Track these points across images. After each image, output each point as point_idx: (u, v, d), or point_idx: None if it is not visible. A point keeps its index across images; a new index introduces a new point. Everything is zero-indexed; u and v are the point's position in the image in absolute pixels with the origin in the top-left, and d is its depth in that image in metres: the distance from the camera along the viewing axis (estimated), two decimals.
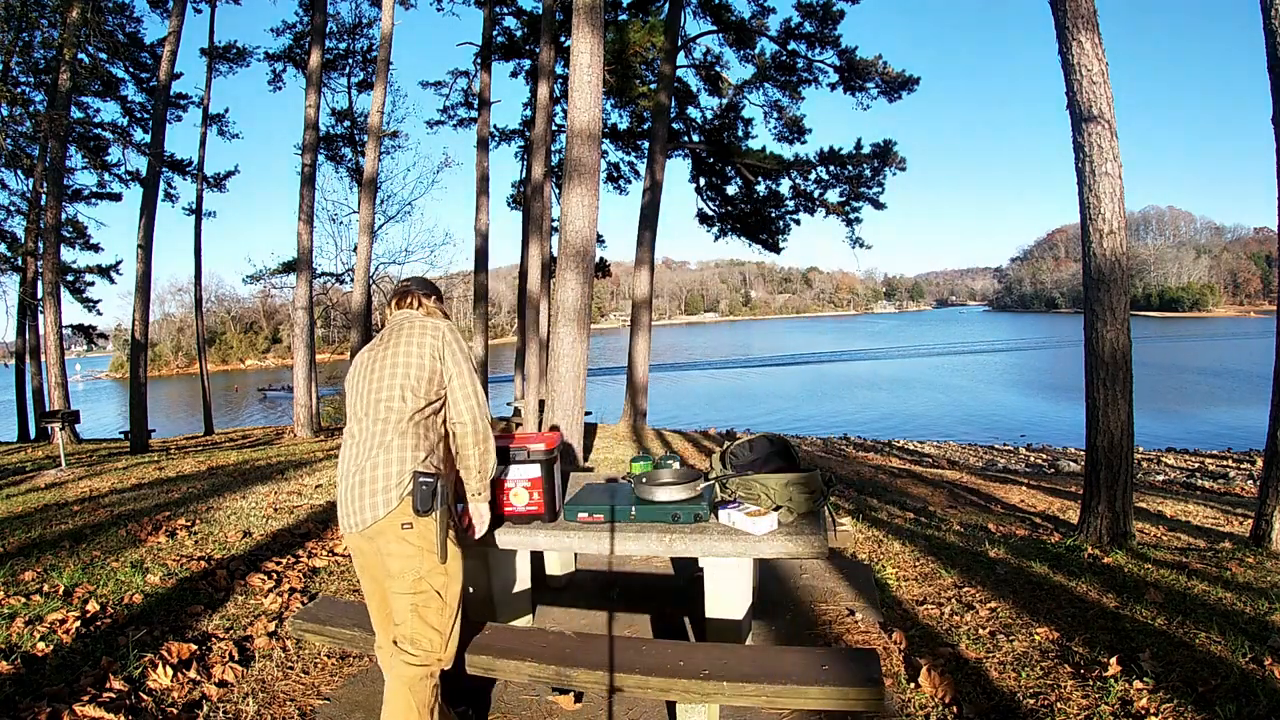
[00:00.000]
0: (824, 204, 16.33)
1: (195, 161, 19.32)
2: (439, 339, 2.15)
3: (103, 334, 21.08)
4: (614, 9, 15.86)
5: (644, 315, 14.53)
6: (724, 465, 2.85)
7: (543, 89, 12.39)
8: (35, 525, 5.14)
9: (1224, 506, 7.45)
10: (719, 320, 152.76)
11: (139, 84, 18.27)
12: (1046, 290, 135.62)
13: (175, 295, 70.45)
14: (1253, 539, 4.88)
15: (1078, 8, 5.07)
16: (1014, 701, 2.49)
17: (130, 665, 2.73)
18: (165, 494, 6.42)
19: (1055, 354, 48.93)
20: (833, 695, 2.01)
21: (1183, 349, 50.03)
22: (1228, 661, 2.63)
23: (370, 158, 13.46)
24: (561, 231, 7.02)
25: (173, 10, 14.06)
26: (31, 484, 7.76)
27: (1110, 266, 5.11)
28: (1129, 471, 5.21)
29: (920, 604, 3.52)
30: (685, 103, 17.45)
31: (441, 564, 2.06)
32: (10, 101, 13.08)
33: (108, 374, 66.63)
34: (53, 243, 13.51)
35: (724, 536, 2.38)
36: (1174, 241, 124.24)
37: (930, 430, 21.90)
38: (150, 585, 3.68)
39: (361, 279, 13.68)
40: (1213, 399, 26.55)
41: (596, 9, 6.87)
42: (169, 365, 72.36)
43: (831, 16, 15.06)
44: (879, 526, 5.34)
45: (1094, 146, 5.09)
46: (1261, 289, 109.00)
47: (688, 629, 3.16)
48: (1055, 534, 5.63)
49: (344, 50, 20.25)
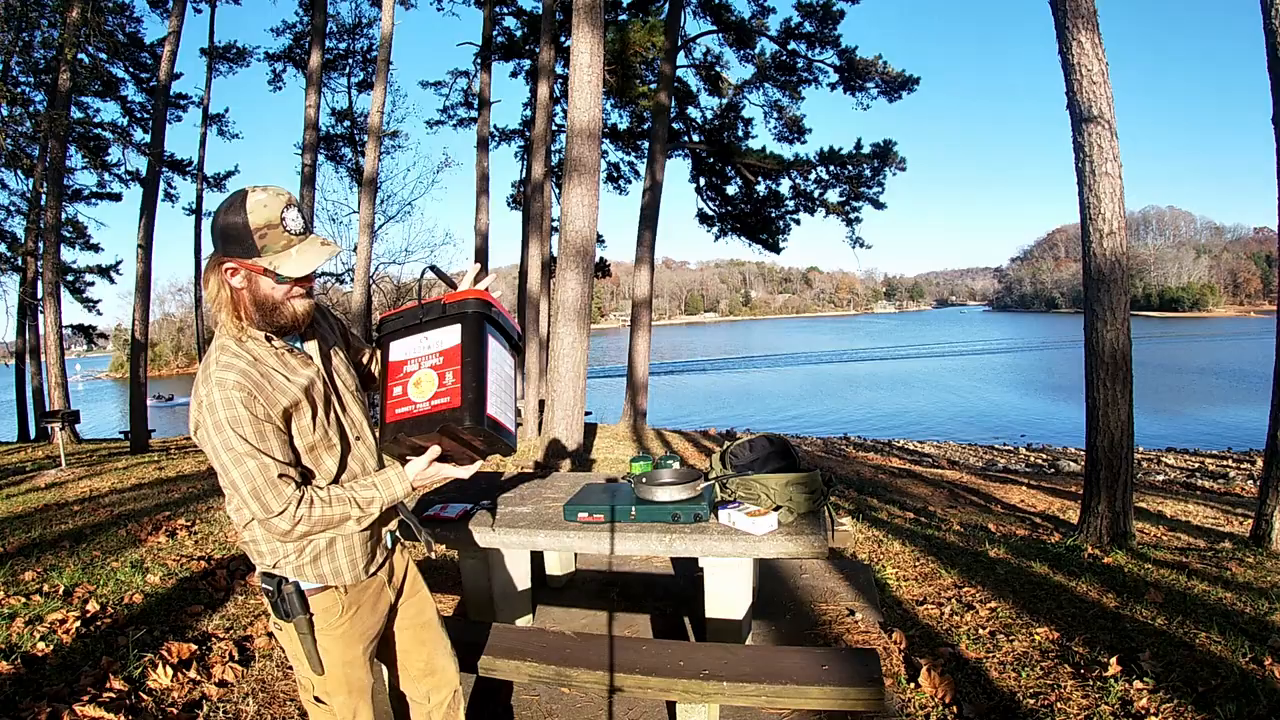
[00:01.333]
0: (824, 204, 16.34)
1: (195, 161, 19.32)
2: (197, 409, 1.45)
3: (103, 334, 21.07)
4: (614, 9, 15.86)
5: (644, 315, 14.53)
6: (724, 465, 2.85)
7: (543, 89, 12.39)
8: (35, 525, 5.15)
9: (1224, 506, 7.45)
10: (719, 320, 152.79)
11: (139, 84, 18.27)
12: (1046, 290, 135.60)
13: (175, 295, 70.44)
14: (1253, 539, 4.88)
15: (1078, 7, 5.07)
16: (1014, 701, 2.49)
17: (130, 665, 2.73)
18: (165, 494, 6.42)
19: (1055, 354, 48.93)
20: (833, 695, 2.01)
21: (1183, 349, 50.03)
22: (1228, 661, 2.63)
23: (370, 158, 13.46)
24: (562, 231, 7.03)
25: (173, 10, 14.05)
26: (31, 484, 7.76)
27: (1110, 266, 5.11)
28: (1129, 471, 5.21)
29: (920, 604, 3.52)
30: (685, 103, 17.45)
31: (318, 674, 1.62)
32: (10, 101, 13.08)
33: (108, 374, 66.63)
34: (53, 243, 13.50)
35: (724, 536, 2.38)
36: (1174, 241, 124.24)
37: (930, 430, 21.91)
38: (150, 585, 3.68)
39: (361, 279, 13.68)
40: (1213, 399, 26.55)
41: (596, 9, 6.87)
42: (169, 365, 72.38)
43: (831, 16, 15.06)
44: (879, 526, 5.34)
45: (1094, 146, 5.09)
46: (1261, 289, 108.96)
47: (688, 629, 3.16)
48: (1055, 534, 5.63)
49: (344, 50, 20.26)
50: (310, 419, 1.54)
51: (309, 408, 1.54)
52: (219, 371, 1.44)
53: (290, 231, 1.45)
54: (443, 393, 1.55)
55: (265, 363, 1.51)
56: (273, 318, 1.51)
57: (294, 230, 1.46)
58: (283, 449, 1.47)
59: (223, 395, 1.41)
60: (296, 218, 1.47)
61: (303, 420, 1.53)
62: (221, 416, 1.41)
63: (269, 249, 1.45)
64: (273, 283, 1.48)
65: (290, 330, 1.55)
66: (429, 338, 1.62)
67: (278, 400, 1.47)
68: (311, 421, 1.54)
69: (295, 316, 1.53)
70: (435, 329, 1.62)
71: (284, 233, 1.45)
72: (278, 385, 1.49)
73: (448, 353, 1.58)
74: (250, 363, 1.48)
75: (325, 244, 1.51)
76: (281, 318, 1.51)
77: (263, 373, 1.48)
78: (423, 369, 1.60)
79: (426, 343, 1.62)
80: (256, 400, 1.44)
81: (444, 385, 1.55)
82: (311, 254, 1.47)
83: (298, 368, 1.56)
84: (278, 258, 1.45)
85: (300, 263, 1.45)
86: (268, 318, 1.50)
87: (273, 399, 1.47)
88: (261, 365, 1.49)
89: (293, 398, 1.50)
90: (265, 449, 1.43)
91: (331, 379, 1.64)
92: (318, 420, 1.56)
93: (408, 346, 1.64)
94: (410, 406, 1.59)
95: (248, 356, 1.48)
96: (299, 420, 1.52)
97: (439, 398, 1.55)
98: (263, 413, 1.44)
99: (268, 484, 1.42)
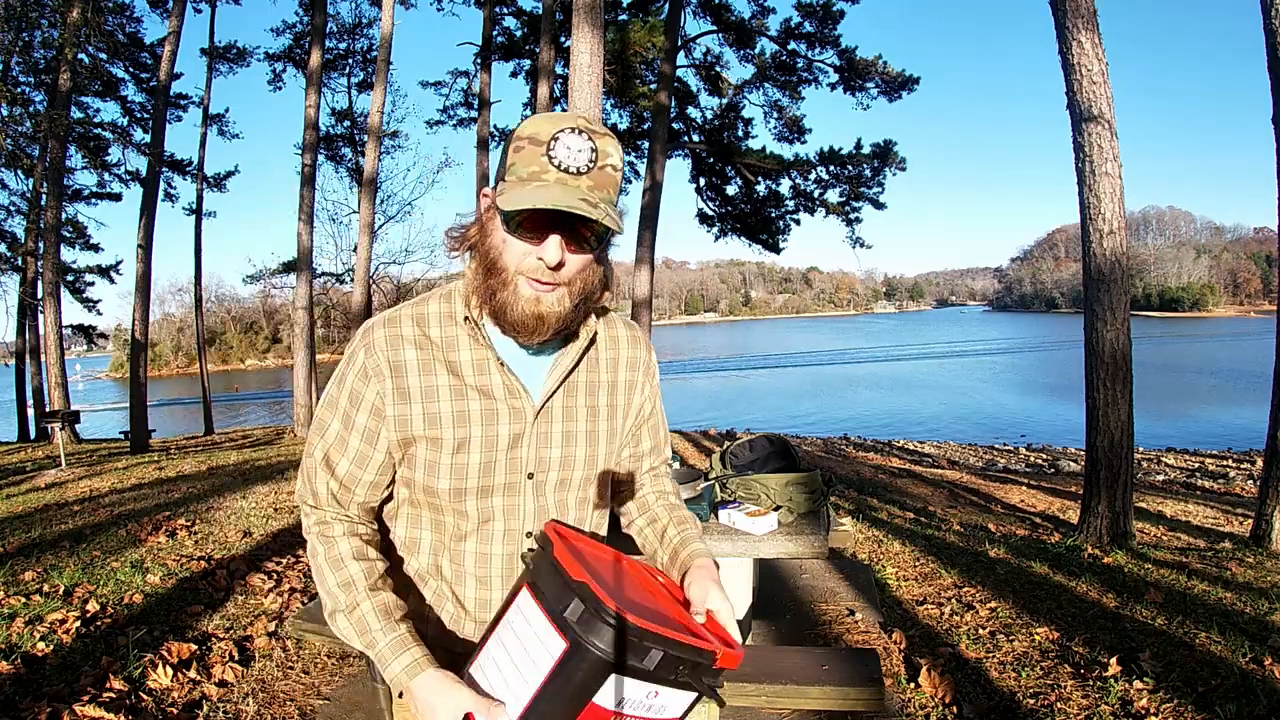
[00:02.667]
0: (824, 204, 16.34)
1: (195, 161, 19.32)
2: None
3: (103, 334, 21.10)
4: (614, 9, 15.86)
5: (644, 315, 14.53)
6: (724, 465, 2.85)
7: (543, 89, 12.39)
8: (35, 525, 5.15)
9: (1224, 506, 7.45)
10: (719, 320, 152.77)
11: (139, 84, 18.27)
12: (1046, 290, 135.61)
13: (175, 295, 70.37)
14: (1253, 539, 4.88)
15: (1078, 7, 5.07)
16: (1014, 701, 2.49)
17: (130, 665, 2.73)
18: (165, 494, 6.42)
19: (1055, 354, 48.93)
20: (833, 695, 2.01)
21: (1183, 349, 50.03)
22: (1228, 661, 2.63)
23: (370, 158, 13.46)
24: None
25: (173, 10, 14.07)
26: (31, 484, 7.76)
27: (1110, 266, 5.11)
28: (1129, 471, 5.21)
29: (920, 604, 3.52)
30: (685, 103, 17.45)
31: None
32: (10, 101, 13.09)
33: (108, 374, 66.60)
34: (53, 243, 13.51)
35: (724, 536, 2.38)
36: (1174, 241, 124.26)
37: (930, 430, 21.90)
38: (150, 585, 3.68)
39: (361, 279, 13.69)
40: (1213, 399, 26.54)
41: (596, 8, 6.87)
42: (169, 365, 72.33)
43: (831, 16, 15.06)
44: (879, 526, 5.34)
45: (1094, 146, 5.09)
46: (1261, 289, 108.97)
47: None
48: (1055, 534, 5.63)
49: (344, 50, 20.25)
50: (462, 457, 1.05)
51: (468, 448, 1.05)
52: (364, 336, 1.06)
53: (554, 159, 0.92)
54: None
55: (449, 363, 1.05)
56: (492, 296, 1.00)
57: (561, 161, 0.92)
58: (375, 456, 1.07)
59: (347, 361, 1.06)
60: (582, 147, 0.93)
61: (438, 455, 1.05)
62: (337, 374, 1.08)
63: (513, 169, 0.95)
64: (502, 230, 0.97)
65: (520, 332, 1.01)
66: (658, 694, 0.91)
67: (414, 419, 1.04)
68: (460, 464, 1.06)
69: (521, 310, 0.99)
70: (667, 686, 0.91)
71: (543, 157, 0.93)
72: (436, 404, 1.04)
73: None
74: (419, 340, 1.05)
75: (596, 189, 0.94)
76: (498, 299, 0.99)
77: (424, 367, 1.04)
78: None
79: (648, 699, 0.91)
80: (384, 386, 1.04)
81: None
82: (553, 192, 0.91)
83: (496, 392, 1.06)
84: (509, 187, 0.94)
85: (525, 195, 0.90)
86: (487, 297, 1.01)
87: (407, 415, 1.04)
88: (435, 359, 1.05)
89: (450, 433, 1.04)
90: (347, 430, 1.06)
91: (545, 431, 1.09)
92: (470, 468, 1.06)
93: (625, 687, 0.88)
94: None
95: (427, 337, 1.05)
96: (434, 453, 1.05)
97: None
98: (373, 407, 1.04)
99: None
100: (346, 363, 1.07)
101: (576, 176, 0.93)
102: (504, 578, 1.11)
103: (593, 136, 0.94)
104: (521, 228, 0.94)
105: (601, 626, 0.82)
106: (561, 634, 0.85)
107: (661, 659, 0.86)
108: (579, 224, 0.94)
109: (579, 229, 0.95)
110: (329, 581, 1.05)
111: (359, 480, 1.07)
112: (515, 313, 0.98)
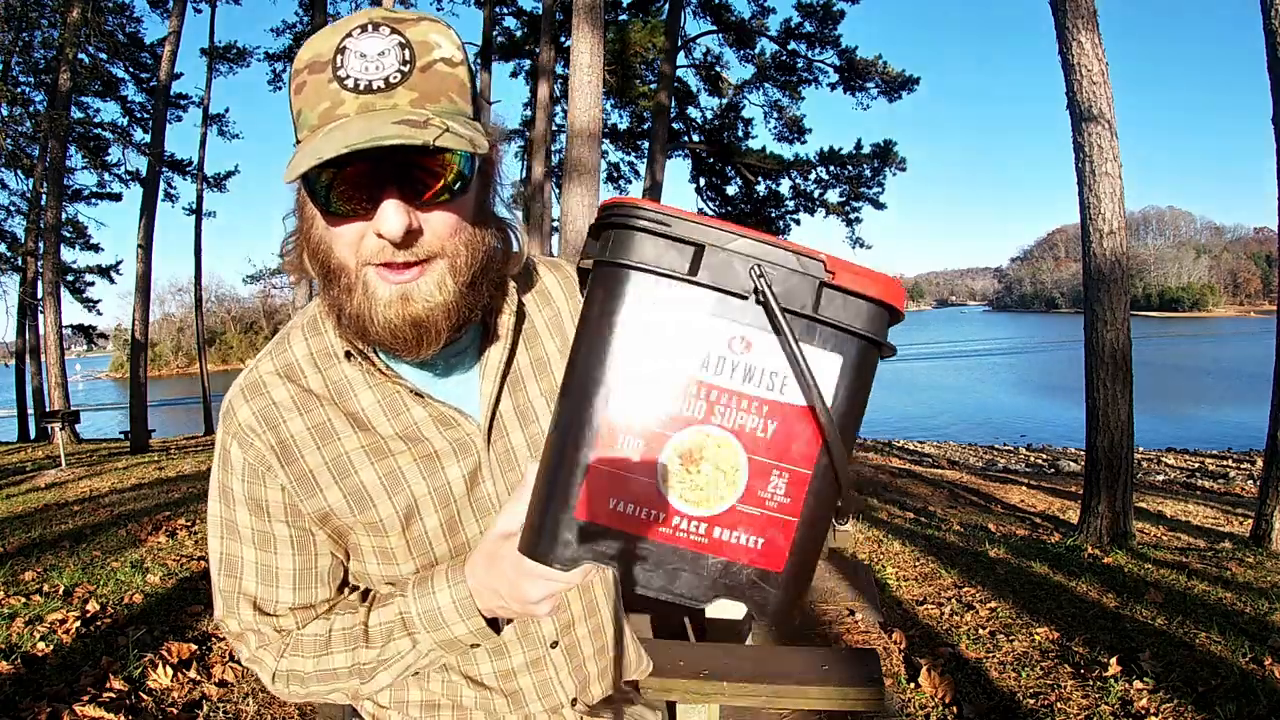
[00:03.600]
0: (824, 204, 16.36)
1: (195, 161, 19.33)
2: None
3: (103, 334, 21.12)
4: (614, 9, 15.86)
5: None
6: None
7: (543, 89, 12.40)
8: (35, 525, 5.15)
9: (1224, 506, 7.45)
10: None
11: (139, 84, 18.28)
12: (1046, 290, 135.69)
13: (175, 295, 70.35)
14: (1253, 539, 4.88)
15: (1078, 7, 5.08)
16: (1014, 701, 2.49)
17: (130, 665, 2.73)
18: (165, 494, 6.43)
19: (1055, 354, 48.95)
20: (833, 695, 2.01)
21: (1183, 349, 50.06)
22: (1228, 661, 2.63)
23: None
24: (562, 231, 7.03)
25: (173, 10, 14.07)
26: (32, 484, 7.77)
27: (1110, 266, 5.12)
28: (1129, 471, 5.21)
29: (920, 604, 3.52)
30: (685, 103, 17.46)
31: None
32: (10, 101, 13.10)
33: (108, 374, 66.65)
34: (53, 243, 13.52)
35: None
36: (1174, 241, 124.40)
37: (930, 430, 21.91)
38: (150, 585, 3.68)
39: None
40: (1212, 399, 26.56)
41: (597, 9, 6.88)
42: (169, 365, 72.35)
43: (831, 16, 15.08)
44: (879, 526, 5.35)
45: (1094, 146, 5.10)
46: (1261, 289, 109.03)
47: (688, 629, 3.16)
48: (1055, 534, 5.64)
49: None
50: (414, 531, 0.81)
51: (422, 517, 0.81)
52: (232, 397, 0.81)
53: (346, 80, 0.65)
54: (757, 521, 0.55)
55: (338, 404, 0.79)
56: (341, 311, 0.72)
57: (357, 79, 0.65)
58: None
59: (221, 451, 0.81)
60: (384, 48, 0.65)
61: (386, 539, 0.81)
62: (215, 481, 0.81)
63: (302, 119, 0.67)
64: (320, 216, 0.69)
65: (399, 347, 0.72)
66: (758, 356, 0.54)
67: (321, 494, 0.78)
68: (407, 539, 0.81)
69: (384, 318, 0.70)
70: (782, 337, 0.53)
71: (331, 83, 0.65)
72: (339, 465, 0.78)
73: (791, 417, 0.54)
74: (296, 395, 0.78)
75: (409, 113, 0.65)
76: (350, 312, 0.71)
77: (312, 425, 0.78)
78: (723, 433, 0.54)
79: (747, 366, 0.54)
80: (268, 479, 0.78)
81: (769, 504, 0.55)
82: (352, 128, 0.62)
83: (424, 432, 0.80)
84: (298, 150, 0.67)
85: (309, 150, 0.62)
86: (337, 314, 0.73)
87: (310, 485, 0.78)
88: (317, 410, 0.78)
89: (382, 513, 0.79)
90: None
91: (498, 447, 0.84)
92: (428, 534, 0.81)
93: (688, 343, 0.53)
94: (656, 515, 0.54)
95: (291, 383, 0.79)
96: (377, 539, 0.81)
97: (739, 529, 0.55)
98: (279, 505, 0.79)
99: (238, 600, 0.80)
100: (221, 467, 0.80)
101: (388, 92, 0.64)
102: (521, 637, 0.87)
103: (398, 27, 0.65)
104: (340, 200, 0.65)
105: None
106: None
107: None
108: (415, 167, 0.64)
109: (418, 174, 0.65)
110: (312, 667, 0.79)
111: (315, 600, 0.81)
112: (379, 324, 0.69)
